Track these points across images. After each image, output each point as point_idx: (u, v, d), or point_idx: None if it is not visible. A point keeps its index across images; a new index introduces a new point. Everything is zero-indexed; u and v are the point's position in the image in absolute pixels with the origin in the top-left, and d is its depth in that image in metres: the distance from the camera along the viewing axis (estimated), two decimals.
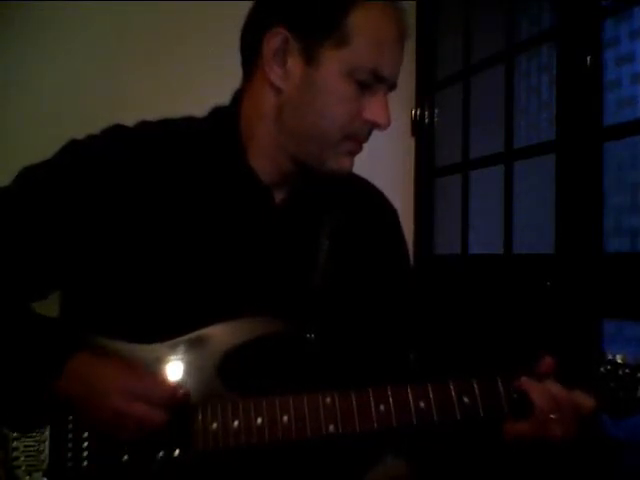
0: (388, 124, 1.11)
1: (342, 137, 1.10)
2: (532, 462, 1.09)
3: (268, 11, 1.12)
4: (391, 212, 1.31)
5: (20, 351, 1.04)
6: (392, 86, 1.12)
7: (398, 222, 1.32)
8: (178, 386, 1.04)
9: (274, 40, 1.08)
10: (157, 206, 1.11)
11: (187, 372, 1.06)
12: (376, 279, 1.23)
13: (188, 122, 1.20)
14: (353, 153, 1.13)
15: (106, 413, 1.00)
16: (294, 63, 1.08)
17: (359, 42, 1.06)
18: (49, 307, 1.17)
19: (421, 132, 2.42)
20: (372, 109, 1.09)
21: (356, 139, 1.12)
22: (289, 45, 1.08)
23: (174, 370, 1.06)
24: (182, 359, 1.07)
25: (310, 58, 1.07)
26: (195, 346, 1.07)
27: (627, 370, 1.04)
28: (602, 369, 1.05)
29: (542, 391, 1.02)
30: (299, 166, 1.14)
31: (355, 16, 1.06)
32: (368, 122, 1.10)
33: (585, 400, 1.02)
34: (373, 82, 1.08)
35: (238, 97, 1.18)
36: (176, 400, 1.02)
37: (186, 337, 1.07)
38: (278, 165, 1.14)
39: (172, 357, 1.07)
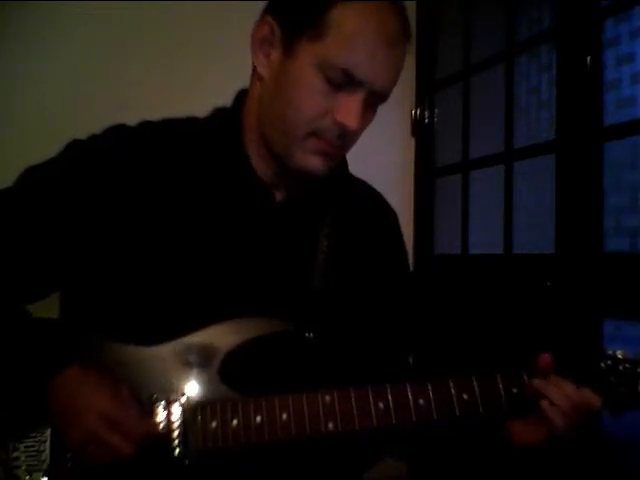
0: (356, 127, 1.06)
1: (308, 132, 1.07)
2: (532, 460, 1.09)
3: (267, 3, 1.12)
4: (390, 214, 1.31)
5: (8, 362, 1.04)
6: (378, 95, 1.08)
7: (397, 224, 1.32)
8: (156, 423, 1.03)
9: (262, 29, 1.09)
10: (158, 206, 1.11)
11: (188, 372, 1.06)
12: (375, 279, 1.23)
13: (190, 122, 1.20)
14: (321, 153, 1.09)
15: (81, 432, 1.00)
16: (276, 53, 1.09)
17: (333, 38, 1.03)
18: (49, 307, 1.17)
19: (421, 132, 2.42)
20: (341, 109, 1.05)
21: (324, 138, 1.08)
22: (274, 35, 1.08)
23: (175, 370, 1.06)
24: (183, 359, 1.07)
25: (288, 48, 1.07)
26: (196, 346, 1.07)
27: (627, 365, 1.05)
28: (602, 364, 1.05)
29: (559, 392, 1.03)
30: (276, 159, 1.12)
31: (336, 12, 1.03)
32: (337, 123, 1.06)
33: (593, 399, 1.03)
34: (346, 82, 1.04)
35: (241, 97, 1.18)
36: (152, 435, 1.01)
37: (187, 337, 1.07)
38: (266, 159, 1.14)
39: (173, 357, 1.07)
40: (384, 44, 1.05)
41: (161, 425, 1.03)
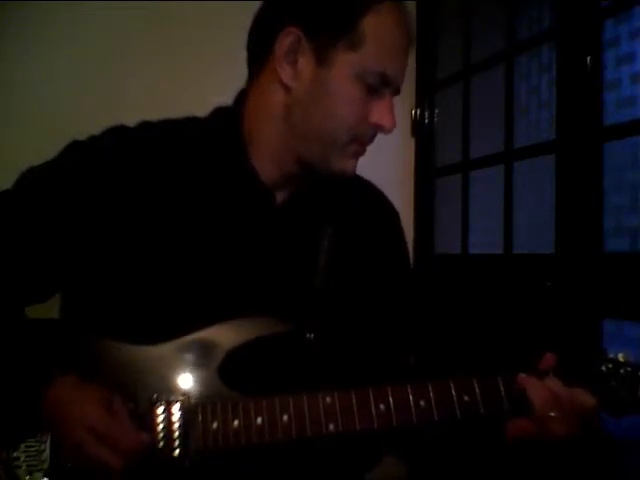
0: (393, 127, 1.12)
1: (349, 139, 1.11)
2: (533, 461, 1.09)
3: (282, 11, 1.12)
4: (392, 214, 1.31)
5: (4, 369, 1.04)
6: (397, 90, 1.13)
7: (399, 224, 1.32)
8: (144, 436, 1.01)
9: (287, 39, 1.08)
10: (158, 207, 1.11)
11: (188, 372, 1.06)
12: (376, 280, 1.23)
13: (190, 123, 1.20)
14: (358, 155, 1.14)
15: (68, 442, 1.00)
16: (305, 63, 1.09)
17: (371, 46, 1.07)
18: (49, 307, 1.17)
19: (421, 132, 2.42)
20: (378, 112, 1.10)
21: (361, 141, 1.13)
22: (301, 45, 1.08)
23: (176, 370, 1.06)
24: (183, 359, 1.07)
25: (322, 59, 1.08)
26: (196, 346, 1.07)
27: (629, 369, 1.04)
28: (603, 368, 1.04)
29: (540, 388, 1.02)
30: (303, 167, 1.14)
31: (368, 20, 1.07)
32: (374, 125, 1.11)
33: (586, 398, 1.02)
34: (380, 85, 1.09)
35: (241, 97, 1.18)
36: (139, 449, 1.00)
37: (187, 337, 1.07)
38: (281, 166, 1.15)
39: (173, 357, 1.07)
40: (406, 44, 1.12)
41: (159, 429, 1.02)
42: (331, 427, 1.02)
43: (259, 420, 1.03)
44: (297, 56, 1.09)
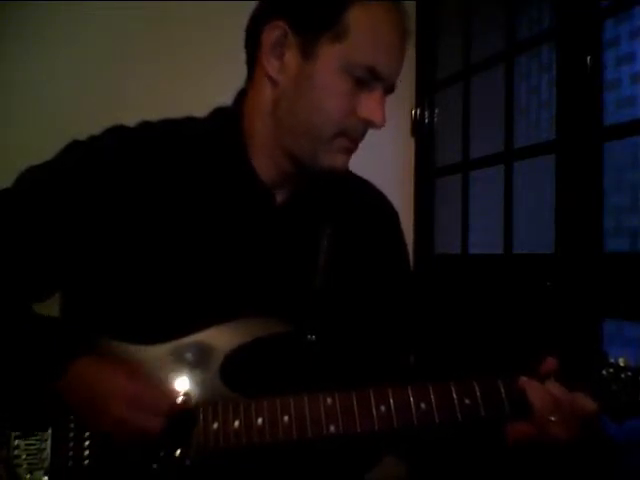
0: (382, 123, 1.10)
1: (336, 133, 1.09)
2: (534, 464, 1.09)
3: (269, 5, 1.12)
4: (391, 214, 1.31)
5: (23, 352, 1.04)
6: (390, 88, 1.12)
7: (398, 224, 1.32)
8: (178, 393, 1.04)
9: (273, 33, 1.08)
10: (158, 207, 1.11)
11: (189, 373, 1.06)
12: (376, 280, 1.23)
13: (190, 123, 1.20)
14: (347, 151, 1.13)
15: (107, 419, 1.00)
16: (291, 56, 1.09)
17: (356, 37, 1.06)
18: (49, 307, 1.17)
19: (421, 132, 2.42)
20: (367, 107, 1.09)
21: (350, 136, 1.11)
22: (287, 38, 1.08)
23: (176, 371, 1.06)
24: (184, 360, 1.07)
25: (307, 52, 1.07)
26: (197, 347, 1.07)
27: (629, 373, 1.04)
28: (604, 372, 1.04)
29: (541, 391, 1.02)
30: (295, 163, 1.13)
31: (354, 12, 1.06)
32: (362, 120, 1.10)
33: (587, 402, 1.02)
34: (369, 79, 1.08)
35: (241, 97, 1.18)
36: (176, 408, 1.02)
37: (188, 338, 1.07)
38: (276, 163, 1.14)
39: (174, 358, 1.07)
40: (398, 40, 1.10)
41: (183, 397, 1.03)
42: (332, 428, 1.02)
43: (260, 420, 1.03)
44: (284, 50, 1.09)
